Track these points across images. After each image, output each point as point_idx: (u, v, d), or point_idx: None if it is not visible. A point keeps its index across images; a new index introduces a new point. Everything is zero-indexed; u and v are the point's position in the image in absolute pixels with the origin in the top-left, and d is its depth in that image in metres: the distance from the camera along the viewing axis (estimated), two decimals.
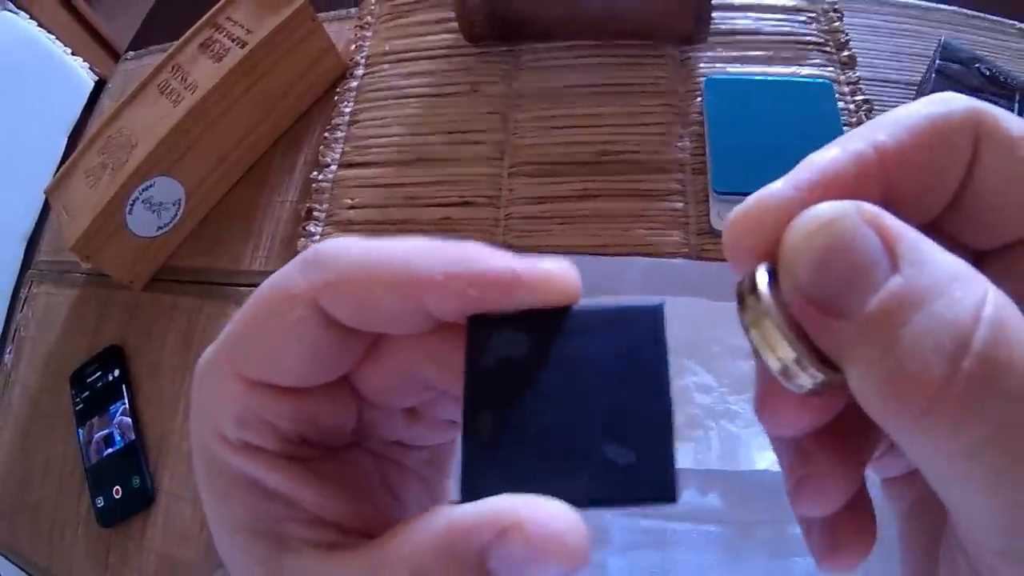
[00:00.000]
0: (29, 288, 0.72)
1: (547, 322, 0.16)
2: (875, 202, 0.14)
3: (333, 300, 0.17)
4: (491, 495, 0.15)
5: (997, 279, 0.15)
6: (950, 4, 0.72)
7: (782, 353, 0.14)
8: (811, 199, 0.14)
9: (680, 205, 0.54)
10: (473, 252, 0.16)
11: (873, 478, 0.19)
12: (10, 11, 0.98)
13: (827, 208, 0.14)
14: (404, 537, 0.15)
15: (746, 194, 0.53)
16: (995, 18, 0.72)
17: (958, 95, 0.15)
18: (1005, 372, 0.11)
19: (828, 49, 0.62)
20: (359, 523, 0.18)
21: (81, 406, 0.63)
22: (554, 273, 0.16)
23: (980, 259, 0.16)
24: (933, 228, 0.15)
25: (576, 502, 0.14)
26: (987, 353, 0.11)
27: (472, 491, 0.15)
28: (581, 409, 0.16)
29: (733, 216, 0.15)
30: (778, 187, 0.15)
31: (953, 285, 0.12)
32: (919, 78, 0.64)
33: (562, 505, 0.14)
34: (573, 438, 0.15)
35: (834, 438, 0.16)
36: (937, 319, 0.12)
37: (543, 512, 0.14)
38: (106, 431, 0.61)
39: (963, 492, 0.12)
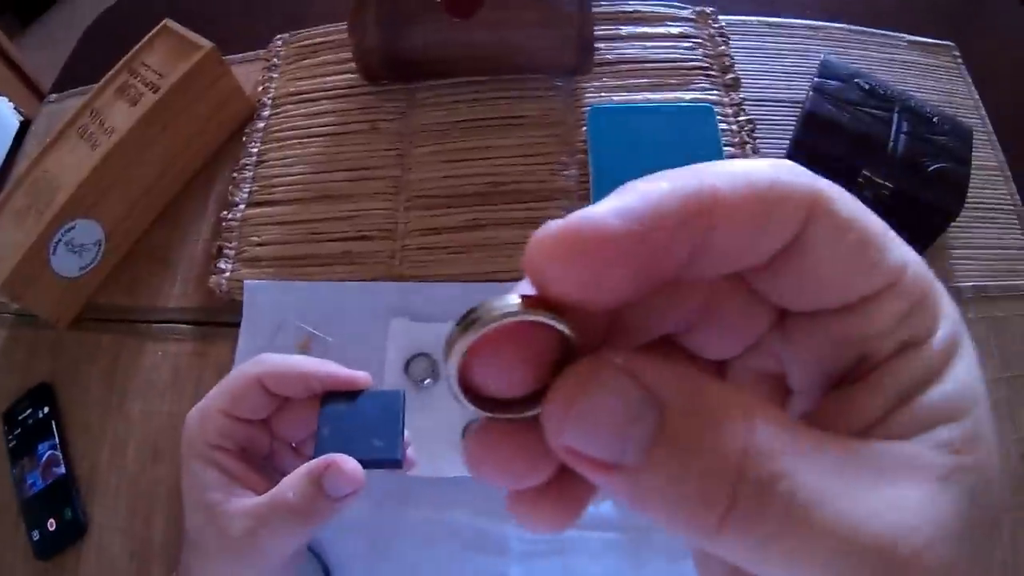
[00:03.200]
0: None
1: (357, 394, 0.38)
2: (693, 244, 0.14)
3: (268, 379, 0.38)
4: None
5: (796, 339, 0.17)
6: (843, 21, 0.76)
7: (452, 385, 0.16)
8: (636, 233, 0.14)
9: None
10: (332, 366, 0.39)
11: None
12: None
13: (582, 370, 0.14)
14: (288, 477, 0.36)
15: None
16: (884, 32, 0.76)
17: (804, 169, 0.15)
18: (776, 481, 0.13)
19: (713, 73, 0.65)
20: (263, 489, 0.37)
21: (14, 443, 0.65)
22: (362, 376, 0.39)
23: (783, 317, 0.17)
24: (740, 280, 0.17)
25: (360, 461, 0.35)
26: (760, 475, 0.13)
27: (319, 453, 0.36)
28: (365, 424, 0.37)
29: (548, 234, 0.14)
30: (604, 214, 0.14)
31: (720, 420, 0.13)
32: (803, 96, 0.67)
33: (352, 460, 0.35)
34: (360, 435, 0.37)
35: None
36: (712, 457, 0.13)
37: (345, 460, 0.35)
38: (37, 468, 0.63)
39: (768, 573, 0.14)
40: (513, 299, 0.15)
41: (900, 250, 0.15)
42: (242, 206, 0.63)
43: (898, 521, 0.13)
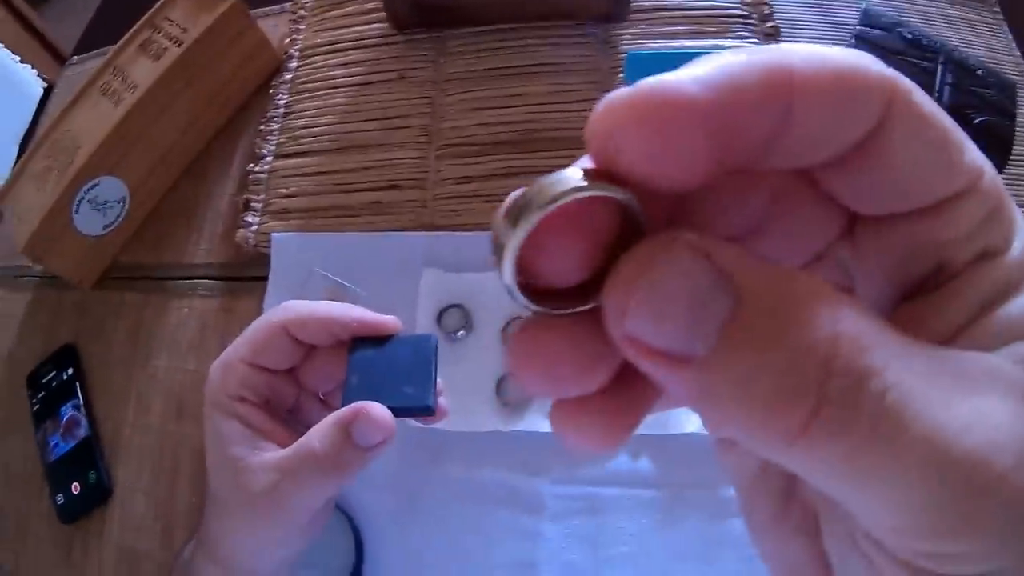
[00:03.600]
0: None
1: (386, 340, 0.36)
2: (771, 122, 0.13)
3: (292, 326, 0.36)
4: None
5: (867, 247, 0.15)
6: None
7: (507, 281, 0.13)
8: (715, 102, 0.12)
9: None
10: (359, 311, 0.37)
11: None
12: None
13: (649, 248, 0.13)
14: (315, 427, 0.34)
15: None
16: None
17: (876, 59, 0.13)
18: (868, 378, 0.11)
19: (752, 21, 0.63)
20: (289, 443, 0.35)
21: (38, 406, 0.64)
22: (391, 320, 0.37)
23: (853, 224, 0.16)
24: (810, 181, 0.15)
25: (390, 408, 0.34)
26: (852, 368, 0.11)
27: (347, 402, 0.34)
28: (396, 371, 0.35)
29: (620, 98, 0.13)
30: (682, 80, 0.12)
31: (804, 307, 0.12)
32: (844, 46, 0.65)
33: (383, 407, 0.33)
34: (390, 382, 0.35)
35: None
36: (796, 348, 0.11)
37: (374, 407, 0.33)
38: (61, 430, 0.62)
39: (843, 487, 0.12)
40: (573, 173, 0.13)
41: (976, 153, 0.14)
42: (269, 158, 0.61)
43: (987, 437, 0.11)
